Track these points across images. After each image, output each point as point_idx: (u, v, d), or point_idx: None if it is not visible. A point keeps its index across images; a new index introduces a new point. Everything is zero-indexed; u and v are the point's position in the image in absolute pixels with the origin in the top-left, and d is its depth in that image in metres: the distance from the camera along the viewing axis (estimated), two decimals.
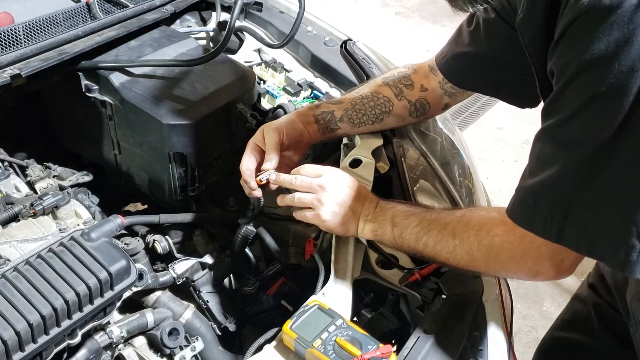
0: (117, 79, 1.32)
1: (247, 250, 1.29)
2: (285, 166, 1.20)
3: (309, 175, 1.10)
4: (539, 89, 0.93)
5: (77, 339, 1.03)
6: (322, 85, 1.67)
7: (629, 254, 0.74)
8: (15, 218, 1.16)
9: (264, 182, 1.13)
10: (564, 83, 0.76)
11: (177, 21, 1.70)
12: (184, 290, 1.29)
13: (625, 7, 0.69)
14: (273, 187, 1.16)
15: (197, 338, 1.19)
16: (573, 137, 0.77)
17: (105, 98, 1.34)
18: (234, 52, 1.56)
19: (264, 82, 1.69)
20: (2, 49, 1.26)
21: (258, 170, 1.16)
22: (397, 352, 0.94)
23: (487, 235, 0.92)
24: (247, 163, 1.16)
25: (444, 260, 0.99)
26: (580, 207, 0.78)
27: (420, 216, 1.02)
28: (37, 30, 1.34)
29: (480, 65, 1.18)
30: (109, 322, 1.12)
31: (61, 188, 1.33)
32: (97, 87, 1.34)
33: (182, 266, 1.27)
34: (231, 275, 1.32)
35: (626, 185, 0.74)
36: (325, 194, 1.07)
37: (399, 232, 1.03)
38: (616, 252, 0.76)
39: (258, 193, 1.16)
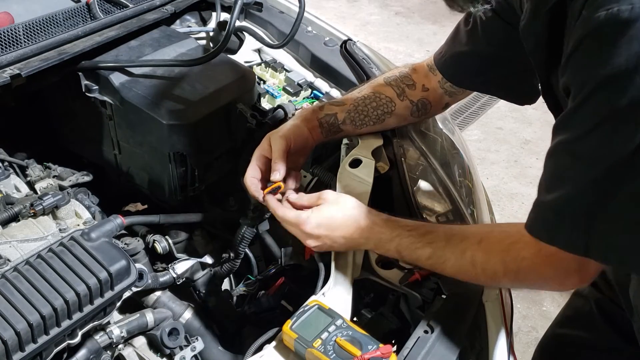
0: (117, 79, 1.32)
1: (247, 250, 1.29)
2: (290, 169, 1.19)
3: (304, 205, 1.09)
4: (542, 93, 0.93)
5: (77, 339, 1.03)
6: (322, 85, 1.67)
7: None
8: (15, 218, 1.16)
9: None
10: (582, 98, 0.75)
11: (177, 21, 1.70)
12: (184, 290, 1.29)
13: None
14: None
15: (197, 338, 1.19)
16: (592, 151, 0.75)
17: (105, 98, 1.34)
18: (234, 52, 1.56)
19: (264, 82, 1.69)
20: (2, 49, 1.26)
21: (264, 178, 1.15)
22: (397, 352, 0.93)
23: (514, 261, 0.90)
24: (252, 175, 1.14)
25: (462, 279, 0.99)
26: (603, 220, 0.76)
27: (432, 246, 0.98)
28: (37, 30, 1.34)
29: (478, 65, 1.18)
30: (109, 322, 1.12)
31: (61, 188, 1.33)
32: (97, 87, 1.34)
33: (182, 266, 1.27)
34: (231, 275, 1.32)
35: None
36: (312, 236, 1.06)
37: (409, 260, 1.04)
38: None
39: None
